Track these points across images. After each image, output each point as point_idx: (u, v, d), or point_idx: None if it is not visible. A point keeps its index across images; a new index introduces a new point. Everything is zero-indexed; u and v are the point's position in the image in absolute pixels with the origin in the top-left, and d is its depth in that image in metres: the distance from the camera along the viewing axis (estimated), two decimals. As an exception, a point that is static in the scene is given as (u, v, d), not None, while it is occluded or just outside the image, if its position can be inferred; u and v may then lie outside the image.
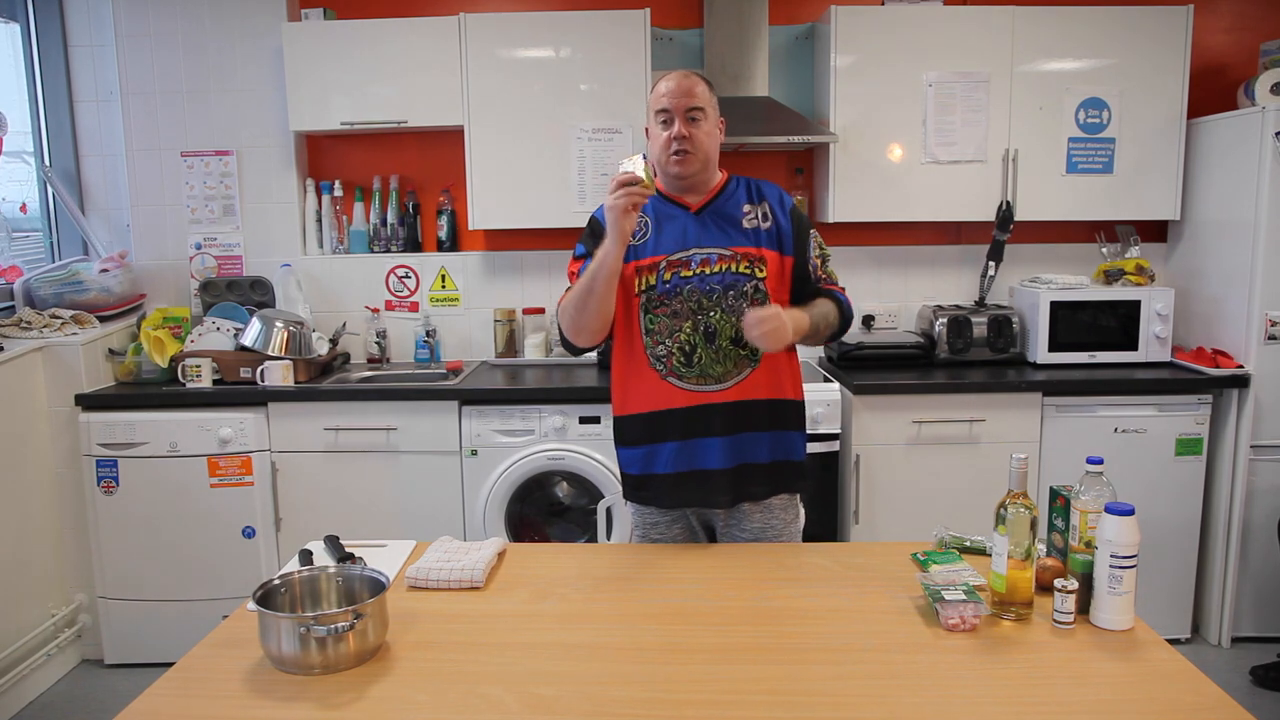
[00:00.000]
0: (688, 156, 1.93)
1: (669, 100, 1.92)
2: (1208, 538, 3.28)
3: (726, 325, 1.93)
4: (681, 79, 1.94)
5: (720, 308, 1.93)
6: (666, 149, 1.94)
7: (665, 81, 1.95)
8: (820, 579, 1.73)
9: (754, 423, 1.97)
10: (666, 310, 1.94)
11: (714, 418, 1.95)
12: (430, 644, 1.49)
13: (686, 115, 1.92)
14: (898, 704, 1.30)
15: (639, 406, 2.00)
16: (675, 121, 1.92)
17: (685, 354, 1.94)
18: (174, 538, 3.15)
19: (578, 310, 1.90)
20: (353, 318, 3.68)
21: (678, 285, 1.94)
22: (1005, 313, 3.44)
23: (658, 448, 1.98)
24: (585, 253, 1.98)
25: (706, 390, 1.94)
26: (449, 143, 3.52)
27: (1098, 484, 1.56)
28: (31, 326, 3.22)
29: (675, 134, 1.92)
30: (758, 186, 2.05)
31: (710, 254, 1.95)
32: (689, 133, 1.92)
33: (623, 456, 2.07)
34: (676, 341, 1.94)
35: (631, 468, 2.05)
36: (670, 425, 1.96)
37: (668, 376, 1.95)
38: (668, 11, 3.59)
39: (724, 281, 1.94)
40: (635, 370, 1.99)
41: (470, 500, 3.17)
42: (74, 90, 3.64)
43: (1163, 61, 3.33)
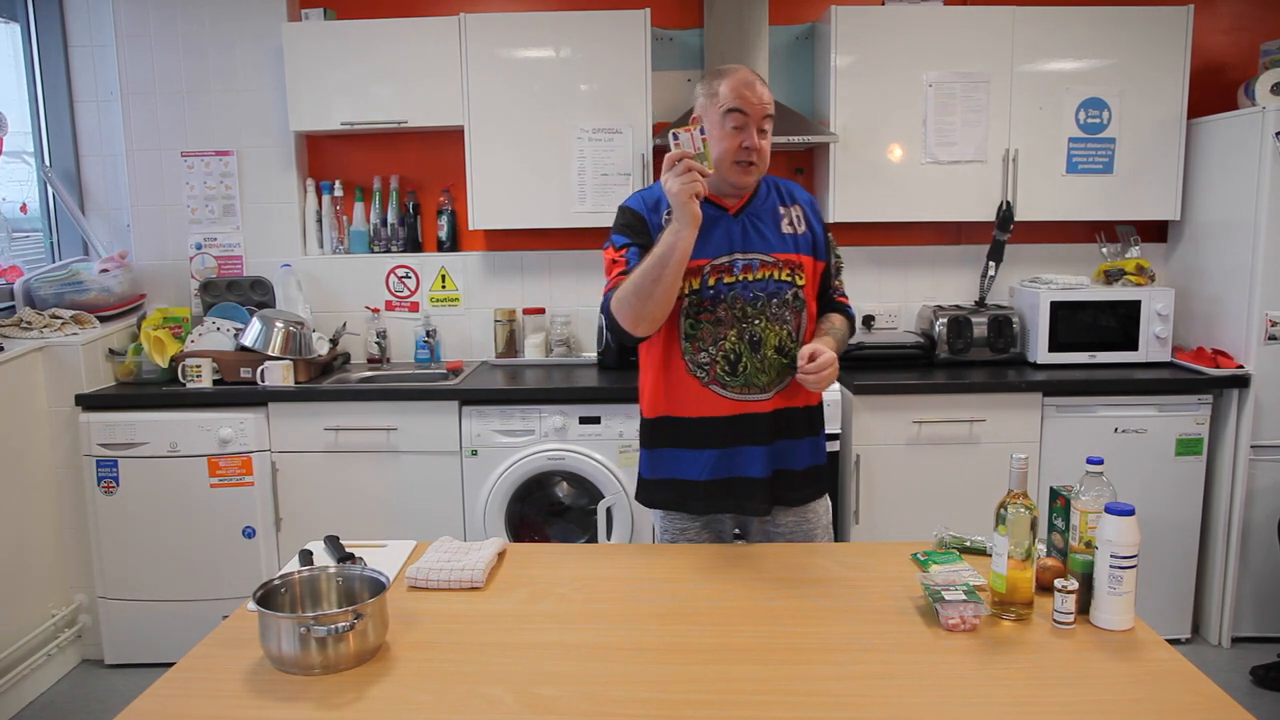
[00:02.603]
0: (752, 168, 1.87)
1: (748, 106, 1.84)
2: (1208, 538, 3.28)
3: (771, 334, 1.89)
4: (760, 84, 1.86)
5: (765, 316, 1.89)
6: (734, 155, 1.85)
7: (740, 82, 1.85)
8: (820, 579, 1.73)
9: (792, 429, 1.95)
10: (710, 317, 1.89)
11: (757, 427, 1.91)
12: (430, 644, 1.49)
13: (760, 123, 1.85)
14: (898, 704, 1.30)
15: (676, 411, 1.94)
16: (750, 129, 1.84)
17: (730, 362, 1.89)
18: (174, 538, 3.15)
19: (642, 299, 1.79)
20: (353, 318, 3.68)
21: (721, 291, 1.88)
22: (1005, 313, 3.44)
23: (695, 454, 1.94)
24: (629, 242, 1.90)
25: (750, 399, 1.91)
26: (449, 143, 3.52)
27: (1098, 484, 1.56)
28: (32, 326, 3.22)
29: (750, 144, 1.84)
30: (787, 188, 2.02)
31: (753, 260, 1.90)
32: (760, 145, 1.85)
33: (644, 456, 2.03)
34: (721, 350, 1.89)
35: (659, 472, 2.00)
36: (711, 433, 1.92)
37: (709, 384, 1.91)
38: (668, 11, 3.59)
39: (767, 289, 1.90)
40: (671, 375, 1.93)
41: (470, 500, 3.17)
42: (74, 90, 3.64)
43: (1163, 61, 3.33)
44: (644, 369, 2.01)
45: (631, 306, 1.81)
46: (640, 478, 2.05)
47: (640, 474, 2.05)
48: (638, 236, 1.89)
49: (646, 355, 2.00)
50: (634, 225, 1.92)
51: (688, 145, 1.72)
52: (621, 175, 3.35)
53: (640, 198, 1.97)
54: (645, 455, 2.03)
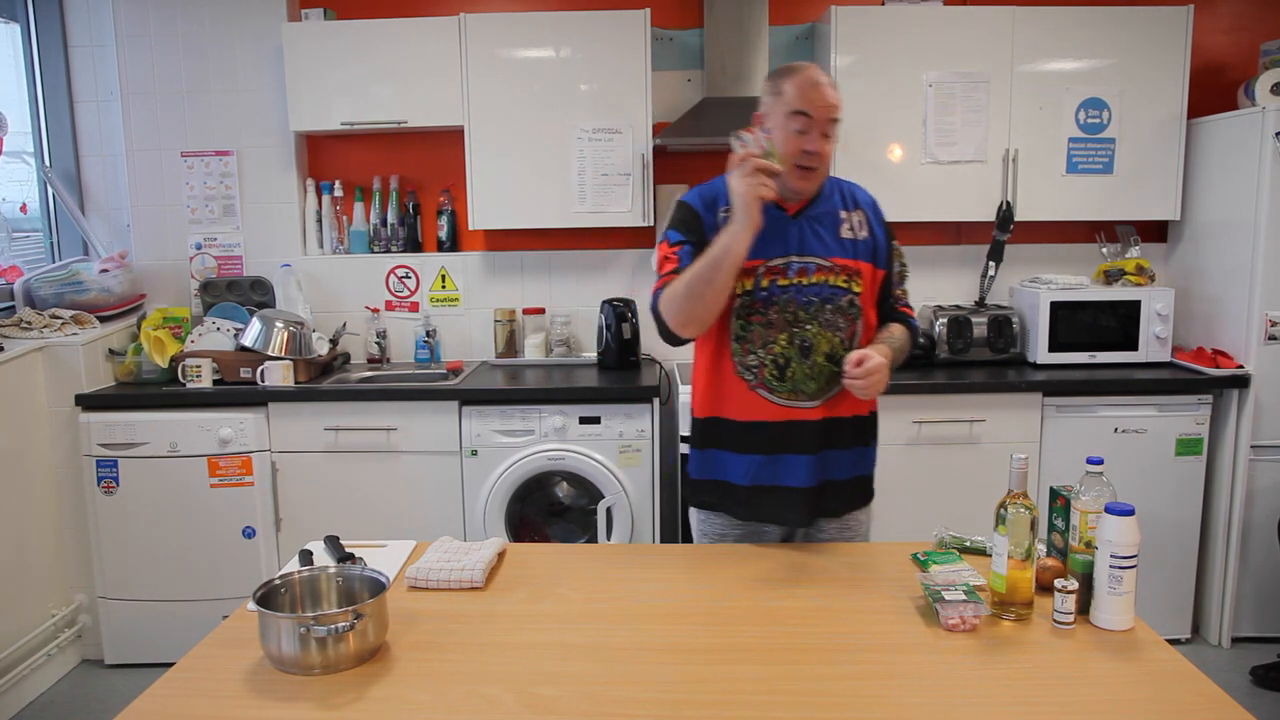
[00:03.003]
0: (814, 173, 1.83)
1: (814, 108, 1.78)
2: (1208, 538, 3.28)
3: (822, 340, 1.85)
4: (829, 86, 1.80)
5: (817, 321, 1.84)
6: (795, 158, 1.80)
7: (807, 82, 1.79)
8: (820, 579, 1.73)
9: (840, 440, 1.91)
10: (761, 319, 1.85)
11: (804, 435, 1.87)
12: (430, 644, 1.49)
13: (825, 127, 1.80)
14: (898, 704, 1.30)
15: (724, 412, 1.91)
16: (813, 132, 1.79)
17: (779, 367, 1.85)
18: (174, 538, 3.15)
19: (692, 300, 1.76)
20: (353, 318, 3.68)
21: (774, 294, 1.84)
22: (1005, 313, 3.44)
23: (739, 458, 1.91)
24: (684, 239, 1.86)
25: (797, 406, 1.87)
26: (449, 143, 3.52)
27: (1098, 484, 1.56)
28: (32, 326, 3.22)
29: (813, 148, 1.79)
30: (851, 191, 1.96)
31: (808, 263, 1.85)
32: (823, 149, 1.80)
33: (695, 457, 1.99)
34: (770, 353, 1.85)
35: (702, 472, 1.97)
36: (755, 438, 1.88)
37: (757, 387, 1.87)
38: (668, 11, 3.59)
39: (821, 294, 1.85)
40: (721, 376, 1.90)
41: (470, 500, 3.17)
42: (74, 90, 3.64)
43: (1163, 61, 3.33)
44: (696, 368, 1.98)
45: (680, 307, 1.79)
46: (687, 476, 2.02)
47: (688, 472, 2.02)
48: (692, 234, 1.86)
49: (699, 354, 1.96)
50: (689, 222, 1.88)
51: (753, 147, 1.68)
52: (621, 175, 3.35)
53: (699, 194, 1.92)
54: (694, 455, 1.99)
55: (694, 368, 1.99)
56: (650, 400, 3.14)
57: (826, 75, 1.83)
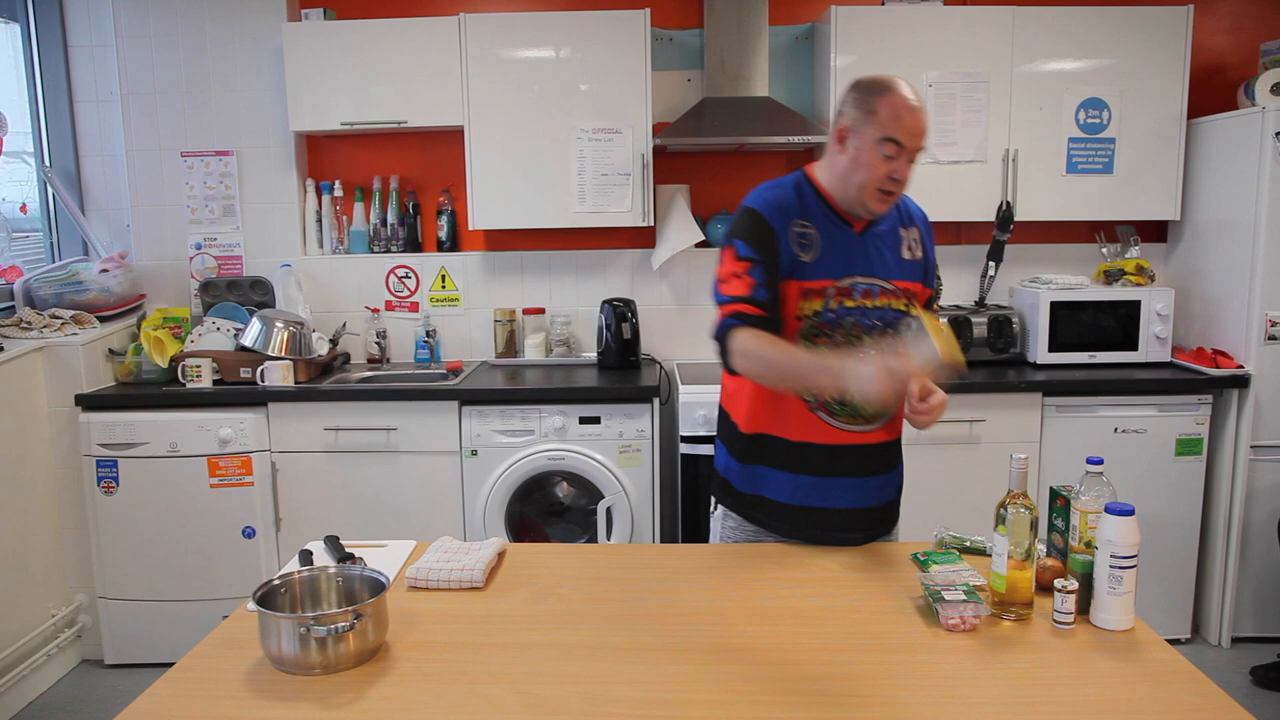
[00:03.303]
0: (892, 197, 1.77)
1: (908, 137, 1.71)
2: (1208, 538, 3.28)
3: None
4: (921, 113, 1.73)
5: (880, 346, 1.78)
6: (879, 183, 1.74)
7: (903, 108, 1.72)
8: (820, 579, 1.73)
9: (889, 462, 1.90)
10: (827, 341, 1.79)
11: (860, 458, 1.84)
12: (430, 644, 1.49)
13: (913, 155, 1.73)
14: (898, 704, 1.30)
15: (778, 430, 1.85)
16: (901, 159, 1.72)
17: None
18: (174, 538, 3.15)
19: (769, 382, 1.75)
20: (353, 318, 3.68)
21: (841, 316, 1.79)
22: (1005, 313, 3.44)
23: (790, 477, 1.86)
24: (755, 257, 1.76)
25: (854, 430, 1.83)
26: (449, 143, 3.52)
27: (1098, 484, 1.56)
28: (31, 327, 3.22)
29: (900, 176, 1.74)
30: (905, 205, 1.92)
31: (873, 285, 1.81)
32: (908, 177, 1.75)
33: (734, 468, 1.93)
34: None
35: (748, 485, 1.91)
36: (808, 459, 1.84)
37: (816, 409, 1.82)
38: (668, 11, 3.59)
39: (884, 318, 1.80)
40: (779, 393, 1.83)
41: (470, 500, 3.17)
42: (74, 90, 3.64)
43: (1163, 61, 3.33)
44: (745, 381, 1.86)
45: (753, 371, 1.75)
46: (729, 485, 1.95)
47: (730, 482, 1.95)
48: (764, 252, 1.76)
49: None
50: (763, 236, 1.78)
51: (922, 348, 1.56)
52: (621, 175, 3.35)
53: (766, 201, 1.82)
54: (738, 467, 1.92)
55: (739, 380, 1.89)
56: (650, 400, 3.14)
57: (918, 96, 1.75)
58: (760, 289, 1.75)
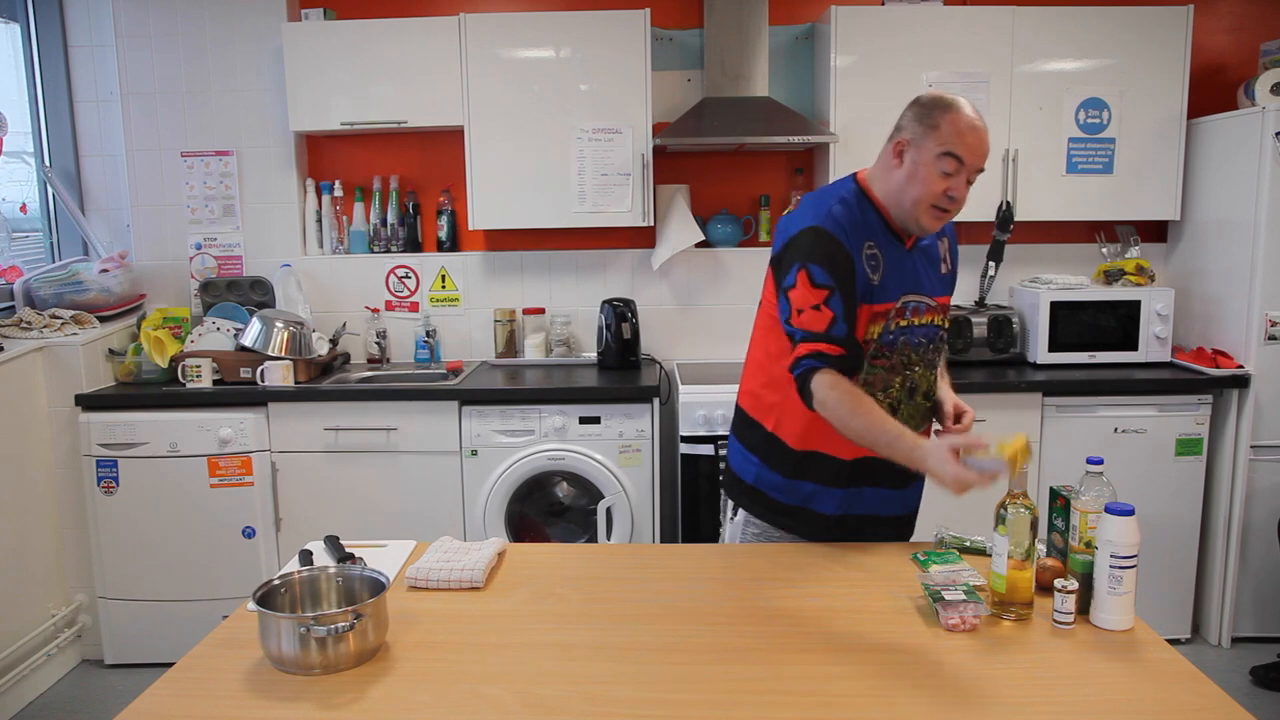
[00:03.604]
0: (947, 214, 1.73)
1: (970, 155, 1.68)
2: (1208, 538, 3.28)
3: (924, 381, 1.83)
4: (984, 133, 1.69)
5: (924, 363, 1.81)
6: (935, 199, 1.70)
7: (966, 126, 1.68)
8: (820, 579, 1.73)
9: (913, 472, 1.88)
10: (885, 363, 1.79)
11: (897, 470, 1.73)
12: (430, 644, 1.49)
13: (972, 175, 1.71)
14: (898, 704, 1.30)
15: (830, 449, 1.82)
16: (961, 176, 1.69)
17: (892, 409, 1.78)
18: (174, 538, 3.15)
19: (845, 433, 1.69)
20: (353, 318, 3.68)
21: (896, 336, 1.78)
22: (1005, 313, 3.44)
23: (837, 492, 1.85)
24: (832, 285, 1.69)
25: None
26: (449, 143, 3.52)
27: (1098, 484, 1.56)
28: (31, 327, 3.22)
29: (958, 194, 1.70)
30: None
31: (920, 303, 1.81)
32: (965, 196, 1.72)
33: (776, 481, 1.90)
34: (889, 396, 1.80)
35: (790, 497, 1.90)
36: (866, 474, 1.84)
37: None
38: (668, 11, 3.59)
39: (929, 335, 1.82)
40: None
41: (470, 500, 3.17)
42: (74, 90, 3.64)
43: (1163, 61, 3.33)
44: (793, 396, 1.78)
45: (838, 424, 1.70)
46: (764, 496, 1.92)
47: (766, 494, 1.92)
48: (842, 280, 1.69)
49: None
50: (839, 262, 1.70)
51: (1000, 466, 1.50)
52: (621, 175, 3.35)
53: (840, 222, 1.73)
54: (783, 482, 1.89)
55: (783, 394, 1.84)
56: (650, 400, 3.14)
57: (981, 118, 1.72)
58: (839, 323, 1.70)
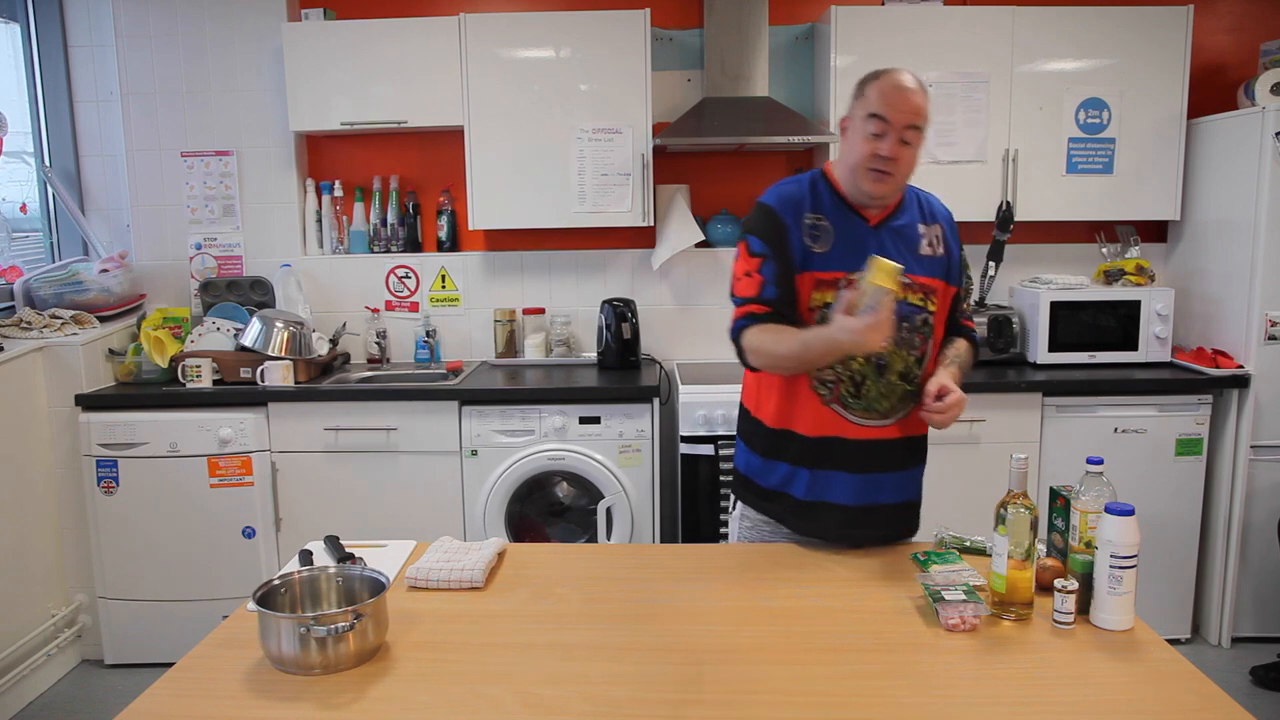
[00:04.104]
0: (888, 178, 1.75)
1: (892, 112, 1.71)
2: (1208, 538, 3.28)
3: (897, 359, 1.81)
4: (911, 91, 1.72)
5: (893, 339, 1.78)
6: (869, 162, 1.74)
7: (889, 85, 1.73)
8: (820, 579, 1.73)
9: (909, 459, 1.89)
10: None
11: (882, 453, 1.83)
12: (430, 644, 1.49)
13: (903, 133, 1.72)
14: (898, 704, 1.30)
15: (795, 426, 1.85)
16: (888, 137, 1.72)
17: (855, 384, 1.80)
18: (174, 538, 3.15)
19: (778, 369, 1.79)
20: (353, 318, 3.68)
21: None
22: (1005, 313, 3.44)
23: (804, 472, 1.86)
24: (766, 252, 1.79)
25: (873, 425, 1.83)
26: (449, 143, 3.52)
27: (1098, 484, 1.56)
28: (31, 327, 3.22)
29: (885, 152, 1.72)
30: (928, 203, 1.92)
31: None
32: (898, 155, 1.73)
33: (753, 463, 1.94)
34: (848, 369, 1.80)
35: (766, 479, 1.92)
36: (825, 454, 1.84)
37: (831, 403, 1.82)
38: (668, 11, 3.59)
39: (899, 312, 1.77)
40: (794, 387, 1.84)
41: (470, 500, 3.17)
42: (74, 90, 3.64)
43: (1163, 61, 3.33)
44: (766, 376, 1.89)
45: (771, 365, 1.80)
46: (749, 481, 1.96)
47: (751, 479, 1.95)
48: (775, 246, 1.78)
49: None
50: (774, 230, 1.80)
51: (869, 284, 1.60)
52: (621, 175, 3.35)
53: (781, 196, 1.84)
54: (760, 463, 1.93)
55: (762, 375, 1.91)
56: (650, 400, 3.14)
57: (916, 81, 1.76)
58: (769, 286, 1.79)
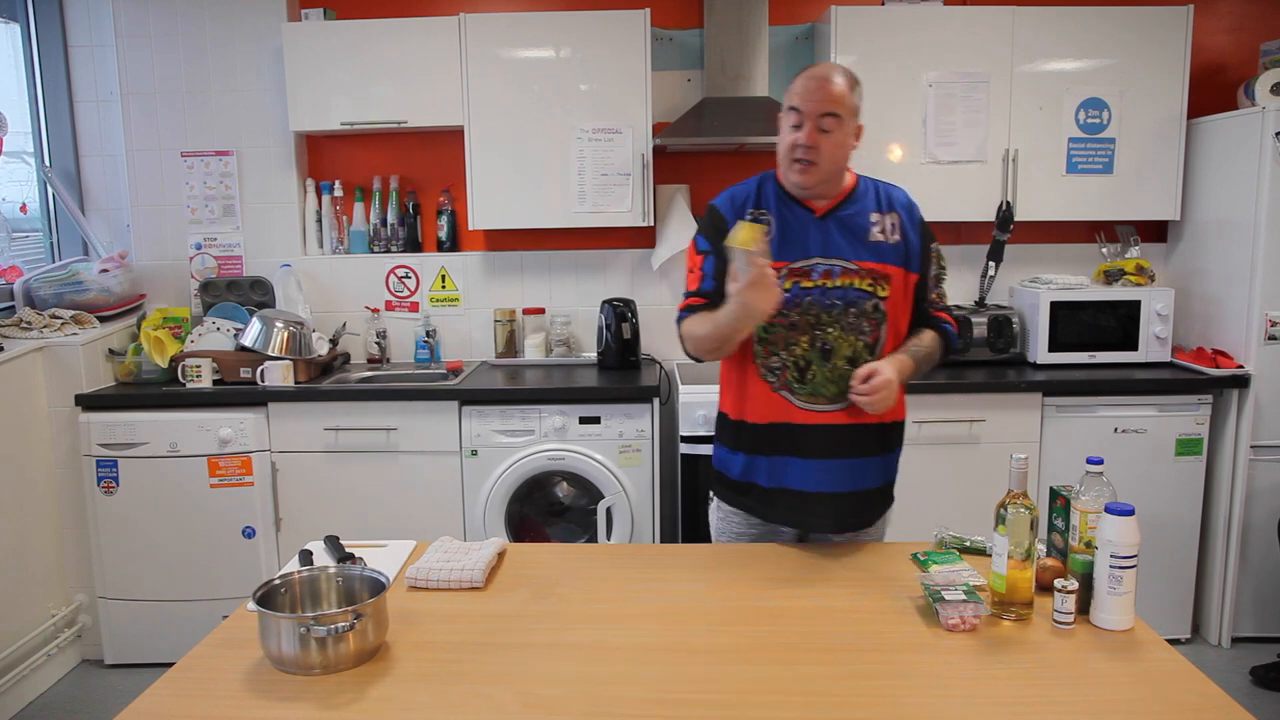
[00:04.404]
0: (811, 168, 1.80)
1: (803, 102, 1.77)
2: (1208, 538, 3.28)
3: (844, 344, 1.83)
4: (823, 79, 1.77)
5: (839, 325, 1.83)
6: (790, 153, 1.81)
7: (806, 77, 1.79)
8: (820, 579, 1.73)
9: (867, 447, 1.90)
10: (784, 320, 1.83)
11: (828, 439, 1.85)
12: (430, 644, 1.49)
13: (819, 121, 1.77)
14: (898, 704, 1.30)
15: (749, 414, 1.90)
16: (806, 126, 1.77)
17: (799, 369, 1.84)
18: (174, 538, 3.15)
19: (708, 350, 1.85)
20: (353, 318, 3.68)
21: (798, 296, 1.83)
22: (1005, 313, 3.44)
23: (763, 460, 1.90)
24: (709, 249, 1.88)
25: (818, 410, 1.85)
26: (449, 143, 3.52)
27: (1098, 484, 1.56)
28: (31, 327, 3.22)
29: (801, 140, 1.78)
30: (887, 193, 1.93)
31: (833, 265, 1.83)
32: (816, 142, 1.77)
33: (721, 454, 1.99)
34: (792, 355, 1.84)
35: (731, 471, 1.96)
36: (780, 440, 1.87)
37: (779, 389, 1.86)
38: (668, 11, 3.59)
39: (845, 297, 1.83)
40: (747, 375, 1.89)
41: (470, 500, 3.17)
42: (74, 90, 3.64)
43: (1163, 61, 3.33)
44: (724, 369, 1.97)
45: (698, 347, 1.87)
46: (721, 475, 1.99)
47: (722, 473, 1.99)
48: (716, 242, 1.84)
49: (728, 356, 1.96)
50: (715, 227, 1.88)
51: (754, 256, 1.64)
52: (621, 175, 3.35)
53: (730, 196, 1.92)
54: (728, 455, 1.97)
55: (721, 368, 1.98)
56: (650, 400, 3.14)
57: (839, 72, 1.80)
58: (708, 279, 1.88)
